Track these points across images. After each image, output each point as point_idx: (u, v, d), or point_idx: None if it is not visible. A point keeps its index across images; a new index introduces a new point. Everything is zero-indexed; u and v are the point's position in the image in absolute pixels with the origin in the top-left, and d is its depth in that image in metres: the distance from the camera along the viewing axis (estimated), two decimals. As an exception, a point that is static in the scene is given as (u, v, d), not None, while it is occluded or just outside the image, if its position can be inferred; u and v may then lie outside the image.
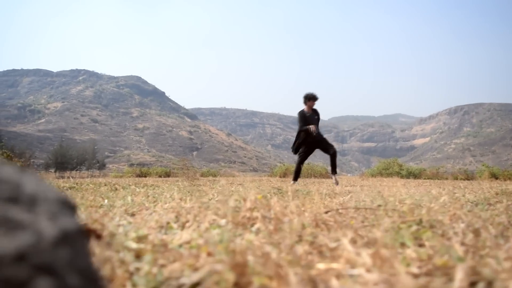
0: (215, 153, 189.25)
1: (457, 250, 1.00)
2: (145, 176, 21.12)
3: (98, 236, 0.92)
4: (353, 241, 1.21)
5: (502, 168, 19.48)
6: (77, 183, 6.64)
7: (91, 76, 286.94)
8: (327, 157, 8.36)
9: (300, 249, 1.02)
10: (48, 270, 0.40)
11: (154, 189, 5.11)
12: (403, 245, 1.19)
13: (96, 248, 0.91)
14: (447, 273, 0.90)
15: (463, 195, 3.93)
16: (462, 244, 1.21)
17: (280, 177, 18.85)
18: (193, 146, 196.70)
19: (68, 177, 15.26)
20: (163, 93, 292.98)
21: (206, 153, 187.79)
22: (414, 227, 1.38)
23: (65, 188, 5.23)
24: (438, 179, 17.40)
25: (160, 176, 21.07)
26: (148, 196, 3.55)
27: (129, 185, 6.30)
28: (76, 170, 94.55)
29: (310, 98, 8.15)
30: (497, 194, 4.46)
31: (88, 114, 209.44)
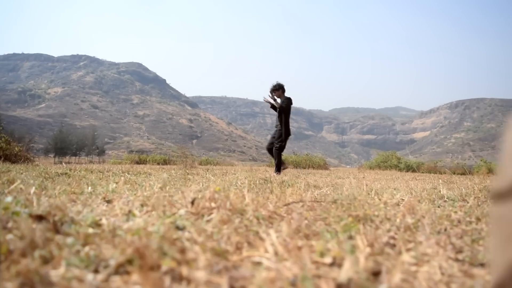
0: (215, 141, 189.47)
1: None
2: (144, 163, 21.14)
3: (46, 221, 1.01)
4: (297, 232, 1.30)
5: (501, 164, 19.54)
6: (70, 169, 6.70)
7: (92, 62, 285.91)
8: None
9: (232, 238, 1.11)
10: None
11: (146, 176, 5.17)
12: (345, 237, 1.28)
13: (39, 231, 1.00)
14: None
15: (439, 191, 3.99)
16: (392, 238, 1.30)
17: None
18: (193, 134, 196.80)
19: (62, 163, 15.33)
20: (164, 80, 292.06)
21: (206, 142, 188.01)
22: (347, 220, 1.47)
23: (56, 174, 5.30)
24: (435, 173, 17.50)
25: (158, 164, 21.10)
26: (136, 184, 3.64)
27: (122, 172, 6.36)
28: (76, 156, 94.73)
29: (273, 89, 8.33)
30: (480, 190, 4.47)
31: (88, 100, 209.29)
